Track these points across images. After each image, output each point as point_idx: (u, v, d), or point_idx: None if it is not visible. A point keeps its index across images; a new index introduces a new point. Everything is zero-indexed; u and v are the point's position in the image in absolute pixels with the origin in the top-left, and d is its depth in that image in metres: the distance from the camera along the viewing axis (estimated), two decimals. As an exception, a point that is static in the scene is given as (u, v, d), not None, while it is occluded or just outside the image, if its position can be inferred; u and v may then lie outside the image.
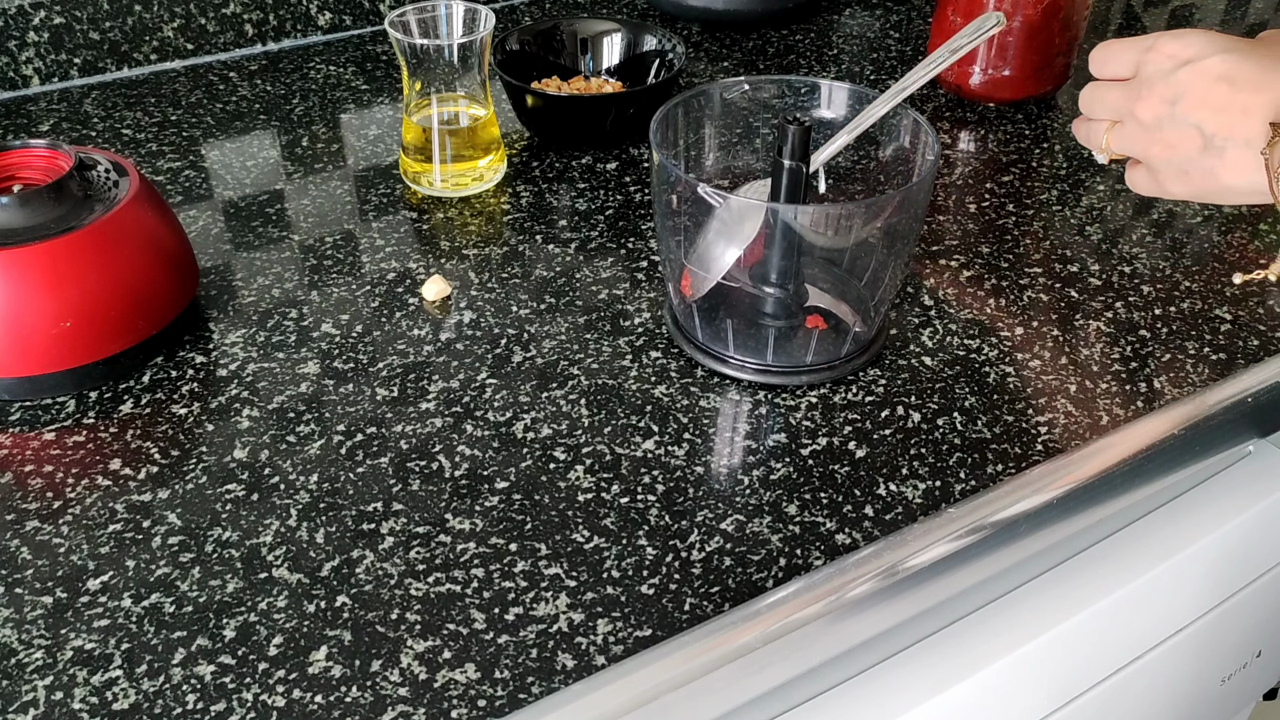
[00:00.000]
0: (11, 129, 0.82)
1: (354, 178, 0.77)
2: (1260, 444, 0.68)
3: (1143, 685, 0.65)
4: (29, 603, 0.48)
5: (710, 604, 0.48)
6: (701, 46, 0.97)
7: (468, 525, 0.52)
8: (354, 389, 0.59)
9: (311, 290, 0.66)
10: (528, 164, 0.80)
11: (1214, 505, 0.65)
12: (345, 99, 0.87)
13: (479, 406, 0.58)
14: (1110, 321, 0.65)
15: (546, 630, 0.47)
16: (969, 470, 0.55)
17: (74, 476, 0.54)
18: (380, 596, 0.48)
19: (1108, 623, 0.60)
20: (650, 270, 0.69)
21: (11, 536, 0.51)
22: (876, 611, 0.50)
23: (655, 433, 0.57)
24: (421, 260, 0.69)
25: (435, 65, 0.72)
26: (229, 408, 0.58)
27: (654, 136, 0.58)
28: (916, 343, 0.63)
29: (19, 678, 0.45)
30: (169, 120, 0.84)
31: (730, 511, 0.52)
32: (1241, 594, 0.68)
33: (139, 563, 0.50)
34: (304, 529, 0.51)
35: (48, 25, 0.85)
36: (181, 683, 0.45)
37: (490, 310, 0.65)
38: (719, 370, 0.60)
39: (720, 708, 0.47)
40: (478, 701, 0.44)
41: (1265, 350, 0.63)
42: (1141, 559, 0.61)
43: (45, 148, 0.61)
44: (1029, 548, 0.54)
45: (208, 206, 0.74)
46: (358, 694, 0.44)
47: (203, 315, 0.64)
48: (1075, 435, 0.57)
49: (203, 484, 0.54)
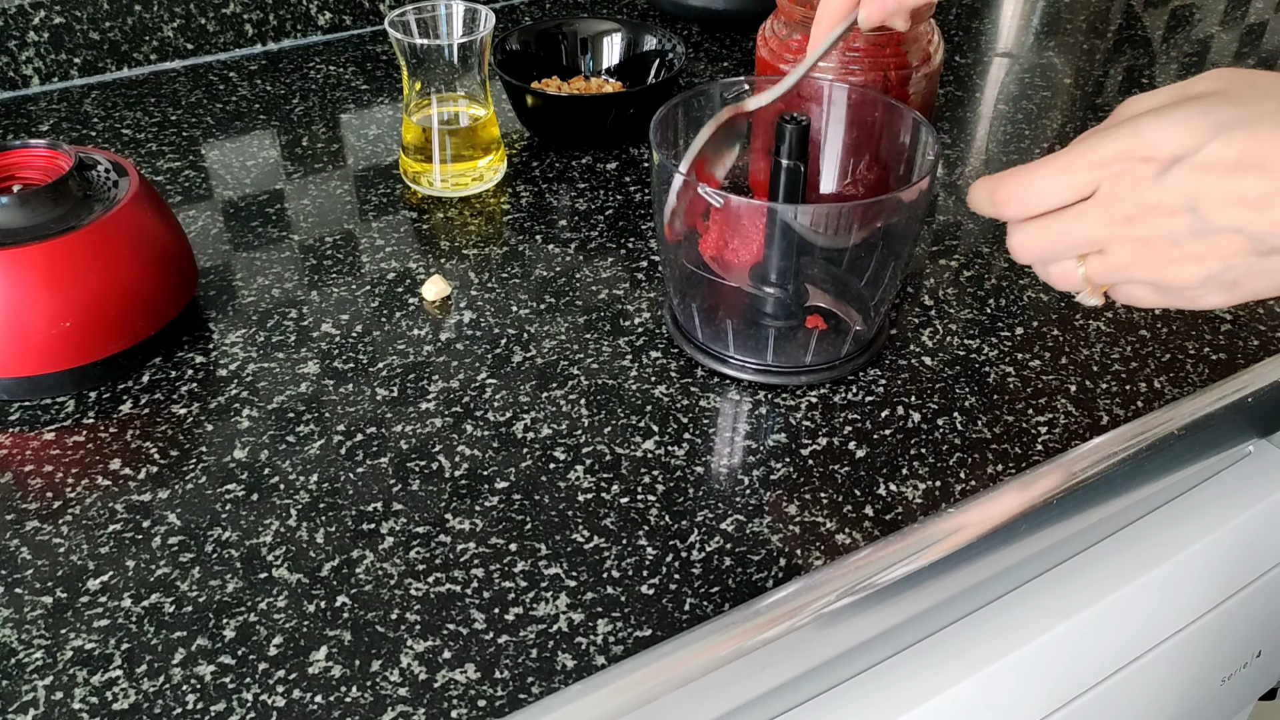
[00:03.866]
0: (11, 129, 0.82)
1: (354, 178, 0.77)
2: (1260, 444, 0.68)
3: (1143, 685, 0.65)
4: (29, 603, 0.48)
5: (710, 604, 0.48)
6: (701, 46, 0.97)
7: (468, 525, 0.52)
8: (354, 389, 0.59)
9: (311, 290, 0.66)
10: (528, 164, 0.80)
11: (1214, 505, 0.65)
12: (345, 99, 0.87)
13: (479, 406, 0.58)
14: (1110, 321, 0.65)
15: (546, 630, 0.47)
16: (969, 470, 0.55)
17: (74, 476, 0.54)
18: (380, 596, 0.48)
19: (1108, 623, 0.60)
20: (650, 270, 0.69)
21: (11, 536, 0.51)
22: (876, 611, 0.50)
23: (655, 433, 0.57)
24: (421, 260, 0.69)
25: (435, 65, 0.72)
26: (229, 408, 0.58)
27: (654, 136, 0.58)
28: (916, 343, 0.63)
29: (19, 678, 0.45)
30: (169, 120, 0.84)
31: (730, 511, 0.52)
32: (1241, 594, 0.68)
33: (139, 563, 0.50)
34: (304, 529, 0.51)
35: (48, 25, 0.85)
36: (181, 683, 0.45)
37: (490, 310, 0.65)
38: (719, 370, 0.60)
39: (720, 708, 0.47)
40: (478, 701, 0.44)
41: (1265, 350, 0.63)
42: (1141, 559, 0.61)
43: (45, 148, 0.61)
44: (1029, 548, 0.54)
45: (208, 206, 0.74)
46: (358, 694, 0.44)
47: (202, 315, 0.64)
48: (1075, 435, 0.57)
49: (202, 484, 0.54)
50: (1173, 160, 0.42)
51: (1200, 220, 0.43)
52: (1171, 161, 0.42)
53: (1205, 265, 0.44)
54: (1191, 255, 0.44)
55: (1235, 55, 0.98)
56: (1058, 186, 0.45)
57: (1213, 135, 0.42)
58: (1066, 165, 0.45)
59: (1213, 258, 0.44)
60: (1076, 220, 0.45)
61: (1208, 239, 0.43)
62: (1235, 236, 0.43)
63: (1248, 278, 0.44)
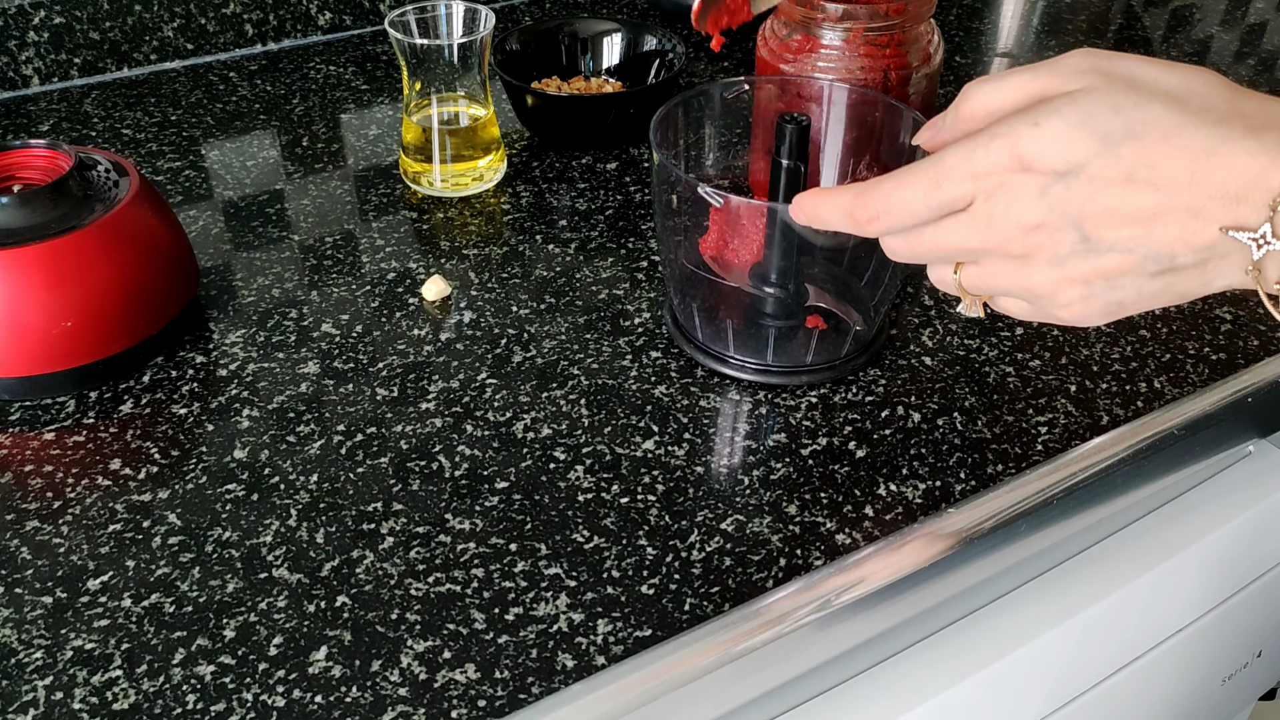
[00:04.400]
0: (11, 129, 0.82)
1: (354, 178, 0.77)
2: (1260, 444, 0.68)
3: (1143, 685, 0.65)
4: (29, 603, 0.48)
5: (710, 604, 0.48)
6: (702, 46, 0.97)
7: (468, 525, 0.52)
8: (354, 389, 0.59)
9: (311, 290, 0.66)
10: (528, 164, 0.80)
11: (1214, 505, 0.64)
12: (345, 99, 0.87)
13: (479, 406, 0.58)
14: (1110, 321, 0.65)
15: (546, 630, 0.47)
16: (969, 470, 0.55)
17: (74, 476, 0.54)
18: (380, 596, 0.48)
19: (1108, 623, 0.60)
20: (650, 270, 0.69)
21: (11, 536, 0.51)
22: (876, 611, 0.50)
23: (655, 433, 0.57)
24: (421, 260, 0.69)
25: (435, 65, 0.72)
26: (229, 408, 0.58)
27: (654, 136, 0.58)
28: (916, 343, 0.63)
29: (19, 678, 0.45)
30: (169, 120, 0.84)
31: (730, 511, 0.52)
32: (1241, 594, 0.68)
33: (139, 563, 0.50)
34: (304, 529, 0.51)
35: (48, 25, 0.85)
36: (181, 683, 0.45)
37: (490, 310, 0.65)
38: (719, 370, 0.60)
39: (720, 708, 0.47)
40: (478, 701, 0.44)
41: (1265, 350, 0.63)
42: (1141, 559, 0.61)
43: (45, 148, 0.61)
44: (1029, 548, 0.54)
45: (208, 206, 0.74)
46: (358, 694, 0.44)
47: (203, 315, 0.64)
48: (1075, 435, 0.57)
49: (203, 484, 0.54)
50: (1055, 176, 0.39)
51: (1086, 240, 0.40)
52: (1055, 177, 0.39)
53: (1089, 287, 0.41)
54: (1074, 276, 0.41)
55: (1235, 55, 0.98)
56: (931, 203, 0.41)
57: (1099, 149, 0.38)
58: (938, 178, 0.41)
59: (1097, 280, 0.41)
60: (950, 231, 0.42)
61: (1094, 259, 0.40)
62: (1124, 256, 0.40)
63: (1134, 300, 0.41)
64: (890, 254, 0.45)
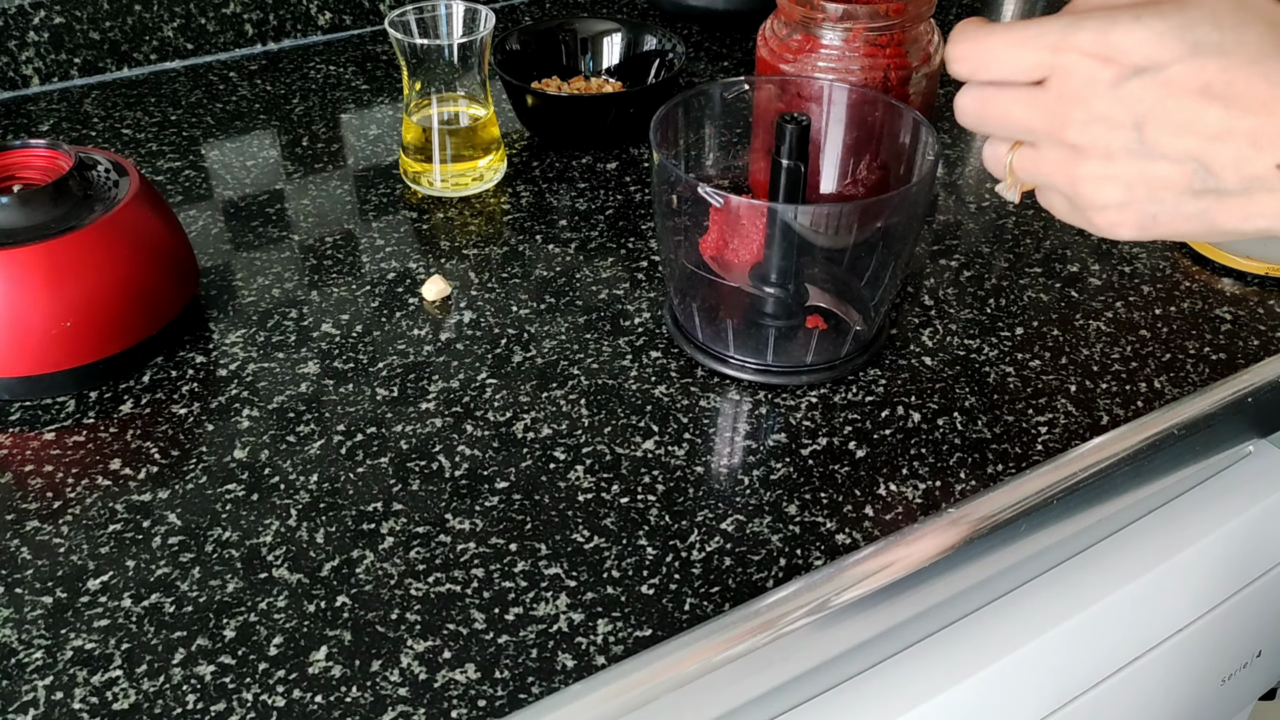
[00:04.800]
0: (11, 129, 0.82)
1: (354, 178, 0.77)
2: (1260, 444, 0.68)
3: (1143, 685, 0.65)
4: (29, 603, 0.48)
5: (710, 604, 0.48)
6: (701, 46, 0.97)
7: (468, 525, 0.52)
8: (354, 389, 0.59)
9: (311, 290, 0.66)
10: (528, 164, 0.80)
11: (1214, 505, 0.65)
12: (345, 99, 0.87)
13: (479, 406, 0.58)
14: (1110, 321, 0.65)
15: (546, 630, 0.47)
16: (969, 470, 0.55)
17: (74, 476, 0.54)
18: (380, 596, 0.48)
19: (1108, 623, 0.60)
20: (650, 270, 0.69)
21: (11, 536, 0.51)
22: (876, 612, 0.50)
23: (655, 433, 0.57)
24: (421, 260, 0.69)
25: (435, 65, 0.72)
26: (229, 408, 0.58)
27: (654, 136, 0.58)
28: (916, 343, 0.63)
29: (19, 678, 0.45)
30: (169, 120, 0.84)
31: (730, 511, 0.52)
32: (1241, 594, 0.68)
33: (139, 563, 0.50)
34: (304, 529, 0.51)
35: (48, 25, 0.85)
36: (181, 683, 0.45)
37: (490, 310, 0.65)
38: (719, 370, 0.60)
39: (720, 708, 0.47)
40: (478, 701, 0.44)
41: (1265, 350, 0.63)
42: (1141, 559, 0.61)
43: (45, 148, 0.61)
44: (1029, 548, 0.54)
45: (208, 206, 0.74)
46: (358, 694, 0.44)
47: (203, 315, 0.64)
48: (1075, 435, 0.57)
49: (203, 484, 0.54)
50: (1134, 71, 0.39)
51: (1142, 141, 0.40)
52: (1133, 72, 0.39)
53: (1130, 192, 0.41)
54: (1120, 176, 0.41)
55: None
56: (1010, 61, 0.42)
57: (1185, 55, 0.38)
58: (1024, 40, 0.41)
59: (1140, 185, 0.41)
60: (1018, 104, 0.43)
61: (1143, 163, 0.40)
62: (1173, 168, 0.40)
63: (1170, 217, 0.41)
64: (959, 114, 0.45)
